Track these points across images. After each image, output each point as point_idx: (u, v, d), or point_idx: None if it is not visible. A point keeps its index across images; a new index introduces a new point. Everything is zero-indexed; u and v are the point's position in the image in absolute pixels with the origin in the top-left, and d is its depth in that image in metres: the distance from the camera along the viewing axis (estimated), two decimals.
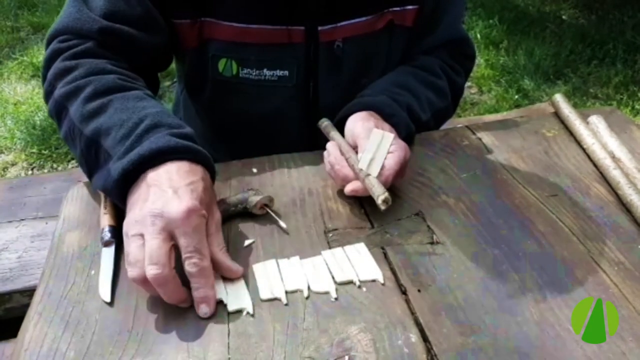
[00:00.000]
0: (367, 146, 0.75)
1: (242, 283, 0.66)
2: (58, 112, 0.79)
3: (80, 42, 0.83)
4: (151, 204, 0.63)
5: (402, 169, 0.76)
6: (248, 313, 0.62)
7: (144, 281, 0.61)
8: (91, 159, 0.74)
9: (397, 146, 0.76)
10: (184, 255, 0.62)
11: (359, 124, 0.80)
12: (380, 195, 0.70)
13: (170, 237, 0.62)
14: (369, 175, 0.72)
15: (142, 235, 0.62)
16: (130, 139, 0.70)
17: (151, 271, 0.59)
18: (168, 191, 0.64)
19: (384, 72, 0.99)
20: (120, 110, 0.73)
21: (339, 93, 0.96)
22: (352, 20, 0.93)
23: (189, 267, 0.62)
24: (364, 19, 0.94)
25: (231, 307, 0.63)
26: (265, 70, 0.93)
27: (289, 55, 0.92)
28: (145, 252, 0.60)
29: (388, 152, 0.75)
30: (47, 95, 0.82)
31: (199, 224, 0.63)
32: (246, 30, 0.89)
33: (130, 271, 0.61)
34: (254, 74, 0.93)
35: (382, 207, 0.70)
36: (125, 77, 0.80)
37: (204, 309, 0.62)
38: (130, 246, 0.62)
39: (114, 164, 0.69)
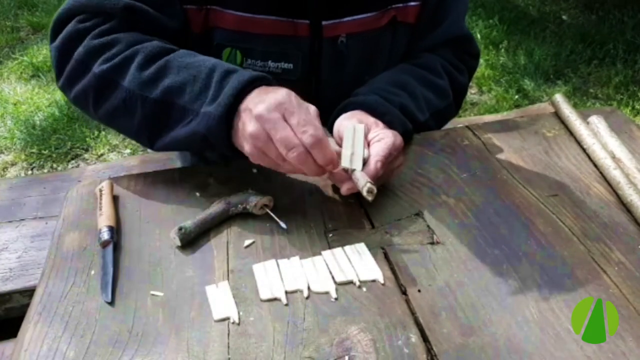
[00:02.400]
0: (343, 143, 0.75)
1: (228, 291, 0.65)
2: (101, 88, 0.80)
3: (104, 20, 0.83)
4: (248, 127, 0.69)
5: (393, 156, 0.76)
6: (234, 322, 0.62)
7: (305, 157, 0.67)
8: (159, 120, 0.78)
9: (384, 133, 0.76)
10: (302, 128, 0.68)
11: (343, 123, 0.80)
12: (363, 186, 0.69)
13: None
14: (354, 170, 0.72)
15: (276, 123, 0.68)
16: (212, 87, 0.74)
17: (308, 134, 0.67)
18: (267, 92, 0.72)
19: (387, 69, 0.99)
20: (184, 68, 0.77)
21: (341, 89, 0.95)
22: (356, 16, 0.93)
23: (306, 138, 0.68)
24: (367, 15, 0.94)
25: (216, 316, 0.62)
26: (269, 62, 0.93)
27: (293, 47, 0.92)
28: (293, 124, 0.67)
29: (375, 142, 0.75)
30: (76, 78, 0.82)
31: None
32: (251, 20, 0.89)
33: (290, 153, 0.67)
34: (259, 65, 0.93)
35: (369, 198, 0.69)
36: (165, 41, 0.83)
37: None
38: (278, 132, 0.67)
39: (207, 107, 0.74)
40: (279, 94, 0.70)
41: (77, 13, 0.84)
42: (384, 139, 0.75)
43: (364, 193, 0.69)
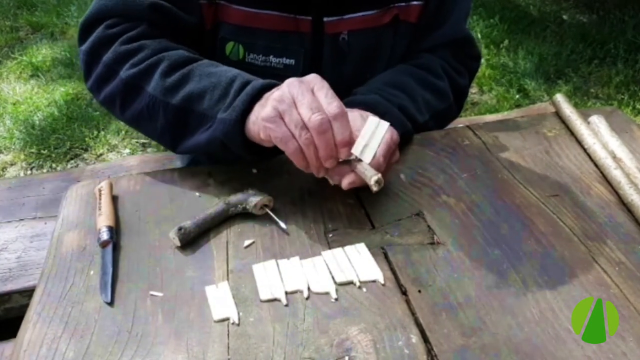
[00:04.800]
0: (362, 132, 0.73)
1: (228, 292, 0.65)
2: (126, 93, 0.83)
3: (132, 25, 0.85)
4: (273, 93, 0.70)
5: (392, 150, 0.76)
6: (234, 322, 0.61)
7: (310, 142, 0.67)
8: (179, 126, 0.80)
9: None
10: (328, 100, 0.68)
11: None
12: (373, 176, 0.70)
13: None
14: (360, 161, 0.72)
15: (284, 109, 0.68)
16: (230, 95, 0.76)
17: (334, 104, 0.67)
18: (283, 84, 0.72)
19: (388, 68, 0.99)
20: (206, 76, 0.79)
21: (342, 86, 0.95)
22: (358, 14, 0.93)
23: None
24: (369, 12, 0.94)
25: (216, 317, 0.62)
26: (271, 57, 0.93)
27: (295, 43, 0.93)
28: (320, 96, 0.68)
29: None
30: (105, 81, 0.85)
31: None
32: (255, 15, 0.90)
33: (300, 134, 0.67)
34: (260, 59, 0.93)
35: (375, 188, 0.70)
36: (190, 50, 0.85)
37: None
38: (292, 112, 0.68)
39: (222, 113, 0.75)
40: (308, 75, 0.71)
41: (104, 17, 0.86)
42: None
43: (371, 183, 0.69)
